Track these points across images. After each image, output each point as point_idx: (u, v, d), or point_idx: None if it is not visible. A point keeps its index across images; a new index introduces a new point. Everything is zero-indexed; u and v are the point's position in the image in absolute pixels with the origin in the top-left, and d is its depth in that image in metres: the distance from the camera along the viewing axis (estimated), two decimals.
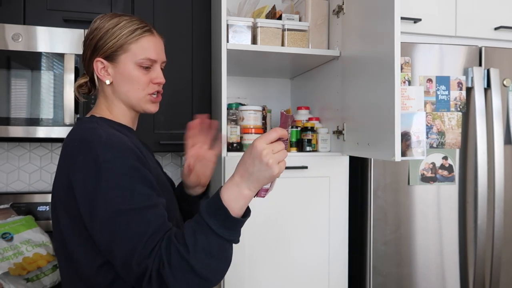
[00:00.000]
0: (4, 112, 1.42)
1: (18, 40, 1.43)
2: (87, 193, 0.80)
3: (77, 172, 0.81)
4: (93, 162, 0.79)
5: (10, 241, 1.38)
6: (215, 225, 0.75)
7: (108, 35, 0.92)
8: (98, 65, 0.93)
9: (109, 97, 0.96)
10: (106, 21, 0.93)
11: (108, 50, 0.92)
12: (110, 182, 0.78)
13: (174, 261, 0.74)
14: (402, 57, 1.48)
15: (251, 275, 1.42)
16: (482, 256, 1.53)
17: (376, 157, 1.26)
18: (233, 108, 1.51)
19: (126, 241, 0.76)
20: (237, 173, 0.79)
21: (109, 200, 0.78)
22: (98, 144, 0.81)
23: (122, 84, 0.94)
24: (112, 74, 0.94)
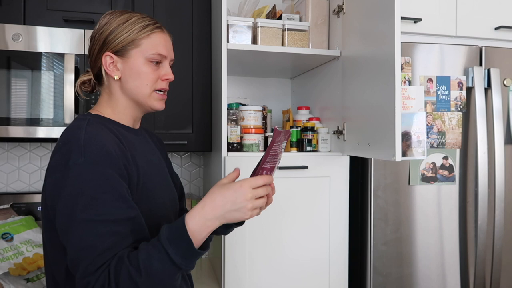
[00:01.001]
0: (4, 112, 1.42)
1: (18, 40, 1.43)
2: (53, 195, 0.79)
3: (49, 172, 0.81)
4: (64, 164, 0.78)
5: (10, 241, 1.38)
6: (174, 254, 0.73)
7: (119, 29, 0.91)
8: (107, 60, 0.92)
9: (115, 93, 0.94)
10: (116, 17, 0.93)
11: (119, 44, 0.91)
12: (74, 188, 0.76)
13: (123, 282, 0.72)
14: (403, 57, 1.48)
15: (251, 275, 1.42)
16: (483, 256, 1.53)
17: (377, 157, 1.26)
18: (233, 108, 1.51)
19: (76, 251, 0.75)
20: (209, 205, 0.78)
21: (69, 205, 0.76)
22: (75, 146, 0.79)
23: (130, 80, 0.92)
24: (121, 69, 0.92)
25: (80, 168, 0.77)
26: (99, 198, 0.76)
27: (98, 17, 1.56)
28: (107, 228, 0.75)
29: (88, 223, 0.75)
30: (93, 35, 0.95)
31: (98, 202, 0.76)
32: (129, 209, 0.79)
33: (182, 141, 1.64)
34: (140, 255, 0.73)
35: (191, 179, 1.99)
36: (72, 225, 0.75)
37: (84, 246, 0.74)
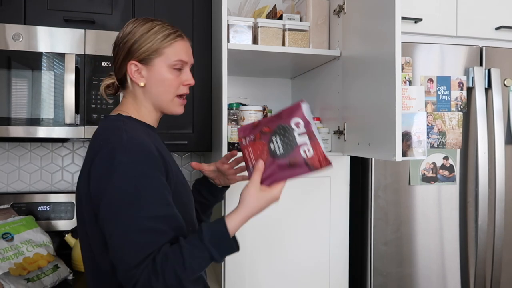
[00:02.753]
0: (5, 112, 1.42)
1: (19, 40, 1.43)
2: (98, 193, 0.83)
3: (94, 170, 0.85)
4: (109, 162, 0.83)
5: (11, 241, 1.38)
6: (216, 254, 0.84)
7: (143, 39, 0.95)
8: (132, 68, 0.96)
9: (139, 98, 0.99)
10: (139, 26, 0.97)
11: (143, 54, 0.95)
12: (119, 185, 0.81)
13: (168, 277, 0.78)
14: (403, 57, 1.48)
15: (251, 275, 1.42)
16: (483, 256, 1.53)
17: (377, 157, 1.26)
18: (234, 108, 1.51)
19: (119, 246, 0.80)
20: (247, 211, 0.90)
21: (114, 202, 0.81)
22: (118, 145, 0.85)
23: (154, 86, 0.97)
24: (145, 77, 0.97)
25: (125, 167, 0.82)
26: (143, 196, 0.82)
27: (99, 17, 1.56)
28: (149, 224, 0.81)
29: (132, 219, 0.80)
30: (117, 43, 0.99)
31: (141, 199, 0.82)
32: (169, 207, 0.86)
33: (183, 141, 1.64)
34: (184, 253, 0.81)
35: (191, 179, 1.99)
36: (116, 221, 0.81)
37: (127, 241, 0.80)
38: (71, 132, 1.46)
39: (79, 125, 1.47)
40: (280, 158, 0.92)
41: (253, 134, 0.98)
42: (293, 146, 0.91)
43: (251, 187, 0.91)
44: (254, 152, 0.96)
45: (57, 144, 1.88)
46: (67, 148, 1.89)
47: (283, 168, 0.92)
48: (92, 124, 1.47)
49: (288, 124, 0.93)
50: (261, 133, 0.96)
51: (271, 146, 0.93)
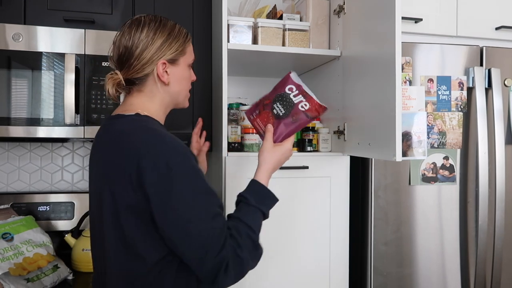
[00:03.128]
0: (5, 112, 1.42)
1: (19, 40, 1.43)
2: (161, 195, 0.85)
3: (150, 174, 0.85)
4: (165, 165, 0.85)
5: (11, 241, 1.38)
6: (266, 209, 1.01)
7: (171, 39, 0.99)
8: (161, 67, 0.98)
9: (157, 96, 1.00)
10: (162, 26, 0.99)
11: (173, 53, 0.99)
12: (184, 186, 0.86)
13: (247, 243, 0.90)
14: (403, 57, 1.48)
15: (251, 275, 1.42)
16: (483, 256, 1.53)
17: (377, 157, 1.25)
18: (234, 108, 1.51)
19: (204, 239, 0.84)
20: (269, 168, 1.06)
21: (185, 202, 0.86)
22: (165, 146, 0.88)
23: (177, 84, 1.02)
24: (170, 75, 1.00)
25: (181, 167, 0.87)
26: (202, 187, 0.89)
27: (99, 17, 1.56)
28: (216, 211, 0.89)
29: (205, 210, 0.87)
30: (136, 43, 0.96)
31: (203, 190, 0.89)
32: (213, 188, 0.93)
33: (183, 141, 1.63)
34: (245, 220, 0.93)
35: None
36: (194, 218, 0.85)
37: (209, 231, 0.85)
38: (71, 132, 1.46)
39: (79, 125, 1.46)
40: (284, 117, 1.11)
41: (258, 109, 1.17)
42: (292, 105, 1.12)
43: (266, 145, 1.08)
44: (262, 121, 1.15)
45: (57, 144, 1.88)
46: (67, 148, 1.89)
47: (288, 125, 1.11)
48: (92, 124, 1.47)
49: (283, 91, 1.14)
50: (263, 106, 1.16)
51: (274, 111, 1.13)
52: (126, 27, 0.99)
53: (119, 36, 0.99)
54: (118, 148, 0.90)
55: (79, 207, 1.74)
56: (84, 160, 1.90)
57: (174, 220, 0.85)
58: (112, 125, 0.97)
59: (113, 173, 0.90)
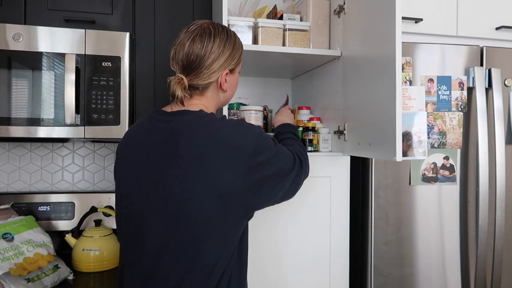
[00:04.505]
0: (5, 112, 1.42)
1: (19, 40, 1.43)
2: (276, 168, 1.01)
3: (264, 156, 0.97)
4: (271, 148, 1.00)
5: (11, 241, 1.38)
6: (295, 131, 1.37)
7: (235, 50, 1.06)
8: (224, 76, 1.04)
9: (215, 99, 1.07)
10: (229, 36, 1.05)
11: (235, 63, 1.07)
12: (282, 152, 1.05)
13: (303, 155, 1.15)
14: (403, 57, 1.48)
15: (252, 275, 1.42)
16: (483, 256, 1.53)
17: (377, 157, 1.25)
18: (234, 108, 1.51)
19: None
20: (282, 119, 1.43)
21: (283, 157, 1.04)
22: (263, 135, 1.01)
23: (230, 90, 1.11)
24: (228, 82, 1.07)
25: (278, 146, 1.05)
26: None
27: (99, 17, 1.56)
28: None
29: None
30: (211, 52, 1.01)
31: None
32: None
33: None
34: (295, 143, 1.25)
35: None
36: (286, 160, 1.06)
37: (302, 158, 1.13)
38: (71, 132, 1.46)
39: (80, 125, 1.46)
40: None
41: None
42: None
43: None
44: None
45: (58, 144, 1.88)
46: (68, 148, 1.89)
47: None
48: (92, 124, 1.47)
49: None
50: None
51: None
52: (197, 35, 1.01)
53: (190, 43, 1.01)
54: (211, 147, 0.93)
55: (80, 207, 1.74)
56: (85, 160, 1.90)
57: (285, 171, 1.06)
58: (179, 120, 0.98)
59: (219, 170, 0.92)
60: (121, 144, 1.08)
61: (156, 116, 1.03)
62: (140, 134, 1.03)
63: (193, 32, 1.02)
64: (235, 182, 0.92)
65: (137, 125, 1.07)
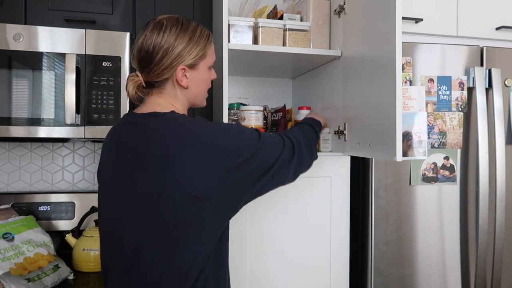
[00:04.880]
0: (5, 112, 1.42)
1: (19, 40, 1.43)
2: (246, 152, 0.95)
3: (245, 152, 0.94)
4: (254, 141, 0.97)
5: (11, 241, 1.38)
6: (318, 128, 1.28)
7: (191, 45, 0.99)
8: (180, 72, 0.99)
9: (177, 98, 1.02)
10: (183, 30, 0.99)
11: (193, 59, 0.99)
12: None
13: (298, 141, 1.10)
14: (404, 57, 1.48)
15: (252, 274, 1.42)
16: (484, 256, 1.53)
17: (378, 157, 1.25)
18: (234, 108, 1.51)
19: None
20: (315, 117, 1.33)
21: (267, 149, 0.99)
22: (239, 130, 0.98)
23: (195, 87, 1.03)
24: (189, 78, 1.01)
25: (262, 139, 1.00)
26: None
27: (99, 17, 1.56)
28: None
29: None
30: (157, 48, 0.97)
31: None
32: None
33: None
34: (302, 129, 1.21)
35: None
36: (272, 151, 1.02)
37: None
38: (71, 132, 1.46)
39: (80, 125, 1.46)
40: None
41: None
42: None
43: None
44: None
45: (58, 144, 1.88)
46: (68, 148, 1.89)
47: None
48: (92, 124, 1.47)
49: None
50: None
51: None
52: (148, 30, 0.98)
53: (141, 39, 0.99)
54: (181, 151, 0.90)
55: (80, 207, 1.74)
56: (85, 160, 1.90)
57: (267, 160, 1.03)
58: (150, 123, 0.96)
59: (184, 176, 0.90)
60: (102, 146, 1.09)
61: (129, 118, 1.03)
62: (115, 136, 1.03)
63: (147, 27, 1.00)
64: (210, 185, 0.89)
65: (114, 127, 1.07)
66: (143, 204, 0.92)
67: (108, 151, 1.04)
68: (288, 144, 1.05)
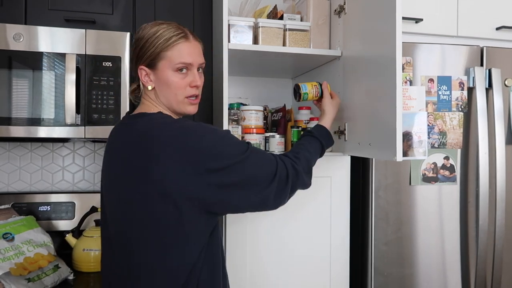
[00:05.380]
0: (5, 112, 1.42)
1: (20, 40, 1.43)
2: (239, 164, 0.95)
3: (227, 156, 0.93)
4: (237, 150, 0.96)
5: (11, 241, 1.38)
6: (325, 143, 1.23)
7: (148, 44, 0.99)
8: (142, 73, 1.02)
9: (154, 100, 1.04)
10: (147, 31, 1.01)
11: (148, 58, 1.00)
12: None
13: (300, 161, 1.08)
14: (404, 57, 1.48)
15: (252, 274, 1.42)
16: (484, 256, 1.53)
17: (378, 157, 1.25)
18: (235, 108, 1.51)
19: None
20: (331, 117, 1.30)
21: (254, 166, 0.97)
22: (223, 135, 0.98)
23: (162, 89, 1.02)
24: (153, 80, 1.02)
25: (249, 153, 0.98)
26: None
27: (99, 17, 1.56)
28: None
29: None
30: (131, 49, 1.06)
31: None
32: None
33: None
34: (307, 145, 1.18)
35: None
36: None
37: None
38: (71, 132, 1.46)
39: (80, 125, 1.46)
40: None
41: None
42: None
43: (327, 98, 1.34)
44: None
45: (58, 144, 1.88)
46: (68, 148, 1.89)
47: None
48: (92, 124, 1.47)
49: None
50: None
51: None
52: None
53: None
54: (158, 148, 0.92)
55: (80, 207, 1.74)
56: (85, 160, 1.90)
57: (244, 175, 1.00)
58: (137, 123, 0.99)
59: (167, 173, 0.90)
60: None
61: (123, 119, 1.07)
62: (111, 137, 1.07)
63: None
64: (187, 184, 0.89)
65: (113, 128, 1.10)
66: (128, 203, 0.94)
67: (106, 152, 1.07)
68: (282, 172, 1.00)
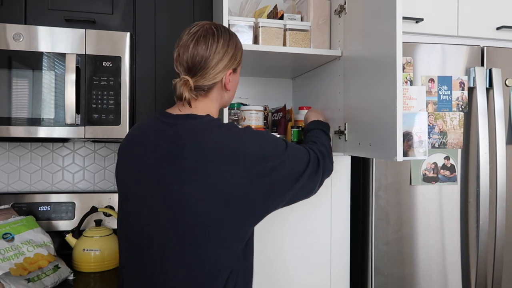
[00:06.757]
0: (5, 112, 1.42)
1: (19, 40, 1.43)
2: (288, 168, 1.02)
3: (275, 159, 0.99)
4: (282, 148, 1.03)
5: (11, 242, 1.38)
6: (326, 129, 1.36)
7: (238, 49, 1.08)
8: (228, 76, 1.06)
9: (218, 100, 1.09)
10: (233, 36, 1.08)
11: (237, 63, 1.09)
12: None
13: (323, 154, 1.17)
14: (404, 57, 1.47)
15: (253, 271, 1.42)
16: (484, 256, 1.53)
17: (378, 157, 1.25)
18: (235, 108, 1.51)
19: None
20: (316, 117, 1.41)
21: (295, 159, 1.05)
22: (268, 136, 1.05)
23: (233, 89, 1.12)
24: (231, 82, 1.09)
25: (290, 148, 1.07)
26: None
27: (99, 16, 1.56)
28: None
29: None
30: (215, 53, 1.02)
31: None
32: None
33: None
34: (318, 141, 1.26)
35: None
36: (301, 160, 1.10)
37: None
38: (71, 132, 1.46)
39: (80, 125, 1.46)
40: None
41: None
42: None
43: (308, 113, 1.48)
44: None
45: (58, 144, 1.88)
46: (68, 148, 1.89)
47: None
48: (92, 124, 1.47)
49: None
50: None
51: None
52: (200, 37, 1.02)
53: (194, 44, 1.01)
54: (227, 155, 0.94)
55: (80, 207, 1.74)
56: (85, 160, 1.90)
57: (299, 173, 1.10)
58: (187, 125, 0.99)
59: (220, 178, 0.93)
60: (124, 144, 1.08)
61: (162, 118, 1.03)
62: (144, 135, 1.03)
63: (196, 34, 1.02)
64: (241, 188, 0.93)
65: (140, 126, 1.08)
66: (174, 204, 0.94)
67: (134, 149, 1.04)
68: (313, 157, 1.10)
